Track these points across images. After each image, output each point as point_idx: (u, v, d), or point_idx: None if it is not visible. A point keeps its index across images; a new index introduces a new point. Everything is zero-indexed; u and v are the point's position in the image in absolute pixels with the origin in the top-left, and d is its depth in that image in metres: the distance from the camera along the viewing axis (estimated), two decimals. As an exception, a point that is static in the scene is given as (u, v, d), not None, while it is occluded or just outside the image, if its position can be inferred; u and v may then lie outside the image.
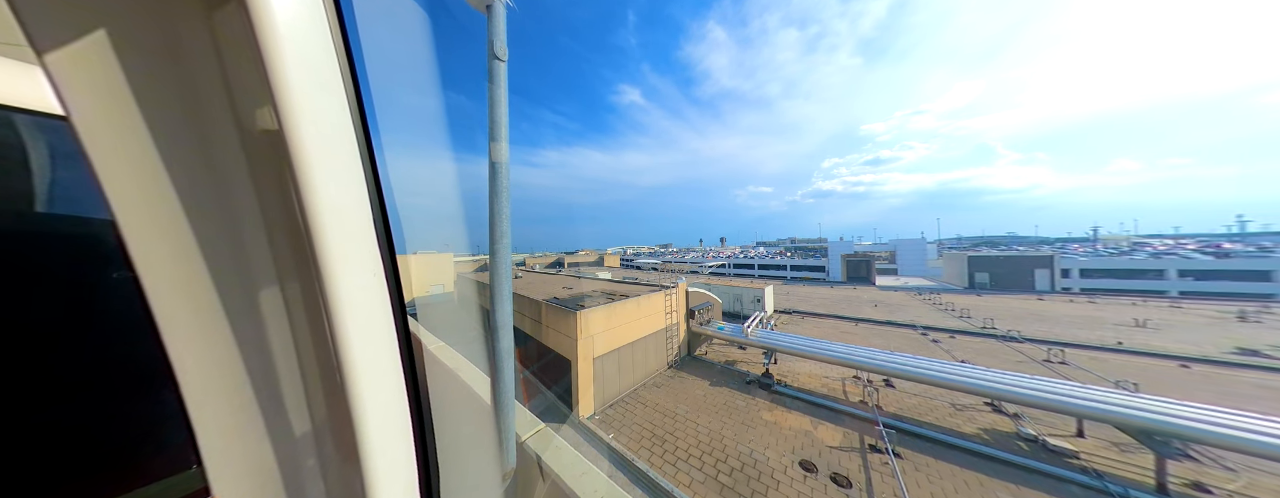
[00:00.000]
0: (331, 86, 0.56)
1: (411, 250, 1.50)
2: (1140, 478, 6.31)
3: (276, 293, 0.68)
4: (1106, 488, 6.06)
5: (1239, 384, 10.52)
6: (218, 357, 0.62)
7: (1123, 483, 6.18)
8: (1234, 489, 6.02)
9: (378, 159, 0.68)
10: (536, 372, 11.41)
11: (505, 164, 1.04)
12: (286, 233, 0.68)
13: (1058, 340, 14.74)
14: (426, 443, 0.85)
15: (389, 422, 0.62)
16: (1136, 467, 6.57)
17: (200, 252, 0.60)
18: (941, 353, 13.52)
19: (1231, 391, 10.00)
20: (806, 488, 6.35)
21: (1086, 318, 19.56)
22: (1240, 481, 6.23)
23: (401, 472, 0.64)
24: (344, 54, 0.60)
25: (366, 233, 0.60)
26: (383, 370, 0.61)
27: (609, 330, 10.27)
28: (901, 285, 36.22)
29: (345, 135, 0.58)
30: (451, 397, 1.52)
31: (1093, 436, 7.65)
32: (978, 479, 6.44)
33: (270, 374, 0.68)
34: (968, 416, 8.81)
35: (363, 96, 0.65)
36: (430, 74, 1.32)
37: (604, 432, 8.33)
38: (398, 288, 0.68)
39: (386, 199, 0.70)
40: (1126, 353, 13.45)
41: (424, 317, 2.00)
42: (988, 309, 22.14)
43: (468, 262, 13.65)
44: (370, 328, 0.59)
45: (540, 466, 1.23)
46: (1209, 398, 8.79)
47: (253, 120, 0.64)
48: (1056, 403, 7.28)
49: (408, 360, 0.68)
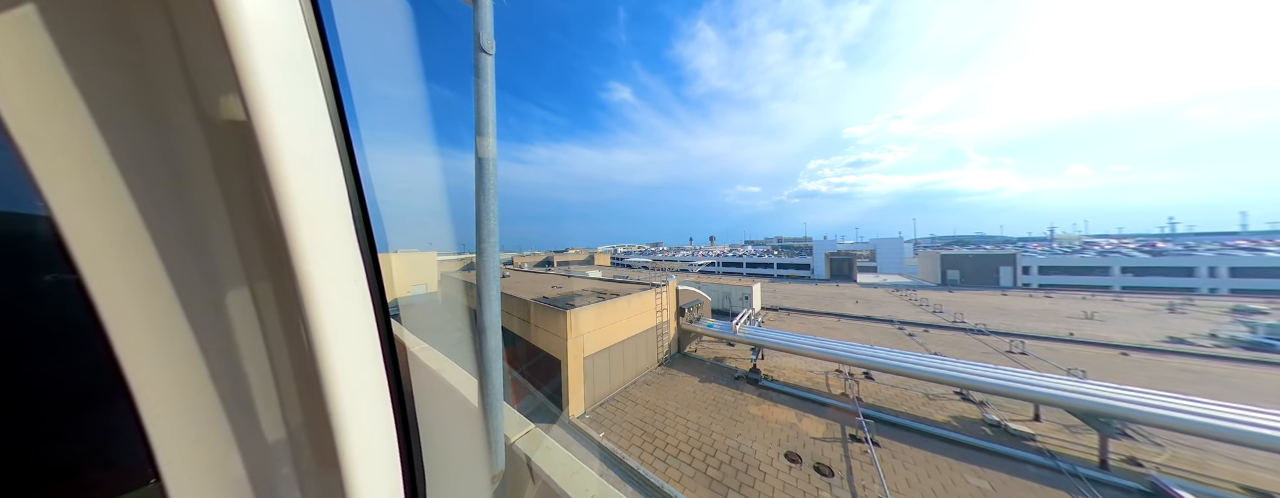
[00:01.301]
0: (306, 76, 0.53)
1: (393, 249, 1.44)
2: (1087, 457, 6.95)
3: (245, 293, 0.64)
4: (1058, 467, 6.64)
5: (1166, 369, 11.74)
6: (178, 363, 0.58)
7: (1072, 462, 6.78)
8: (1161, 462, 6.78)
9: (357, 154, 0.65)
10: (526, 372, 11.24)
11: (493, 160, 1.02)
12: (257, 230, 0.64)
13: (1019, 333, 15.94)
14: (411, 447, 0.83)
15: (370, 426, 0.60)
16: (1084, 446, 7.22)
17: (156, 250, 0.56)
18: (916, 346, 14.28)
19: (1161, 375, 11.14)
20: (791, 479, 6.58)
21: (1043, 311, 21.18)
22: (1166, 454, 7.02)
23: (384, 477, 0.62)
24: (319, 42, 0.57)
25: (345, 230, 0.57)
26: (363, 373, 0.59)
27: (599, 329, 10.23)
28: (881, 282, 38.10)
29: (321, 128, 0.55)
30: (437, 400, 1.48)
31: (1048, 419, 8.31)
32: (948, 464, 6.88)
33: (239, 379, 0.64)
34: (939, 404, 9.38)
35: (340, 88, 0.61)
36: (413, 66, 1.27)
37: (595, 431, 8.32)
38: (379, 288, 0.66)
39: (366, 195, 0.67)
40: (1077, 343, 14.69)
41: (407, 318, 1.93)
42: (958, 304, 23.60)
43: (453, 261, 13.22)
44: (350, 329, 0.56)
45: (530, 467, 1.22)
46: (1143, 382, 9.79)
47: (217, 110, 0.60)
48: (1017, 390, 7.90)
49: (390, 363, 0.66)
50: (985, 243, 57.31)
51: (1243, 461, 6.74)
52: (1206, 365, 12.14)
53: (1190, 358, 12.84)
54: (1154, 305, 22.42)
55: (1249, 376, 11.19)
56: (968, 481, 6.40)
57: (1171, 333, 15.89)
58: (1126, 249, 34.56)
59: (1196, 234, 54.18)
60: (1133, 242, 41.92)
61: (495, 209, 1.03)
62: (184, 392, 0.59)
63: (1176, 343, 14.49)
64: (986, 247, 46.39)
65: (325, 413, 0.54)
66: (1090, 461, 6.83)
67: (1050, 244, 45.97)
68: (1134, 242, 41.92)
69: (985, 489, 6.18)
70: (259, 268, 0.65)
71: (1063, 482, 6.31)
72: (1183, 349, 13.69)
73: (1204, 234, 52.97)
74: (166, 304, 0.57)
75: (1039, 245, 44.29)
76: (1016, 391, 7.89)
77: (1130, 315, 19.62)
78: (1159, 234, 57.41)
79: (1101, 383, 7.89)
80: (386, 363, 0.65)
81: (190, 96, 0.58)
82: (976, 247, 46.54)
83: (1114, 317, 19.33)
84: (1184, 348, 13.83)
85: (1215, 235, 50.21)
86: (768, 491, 6.32)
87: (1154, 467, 6.62)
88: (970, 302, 24.97)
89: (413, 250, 1.99)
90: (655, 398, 10.12)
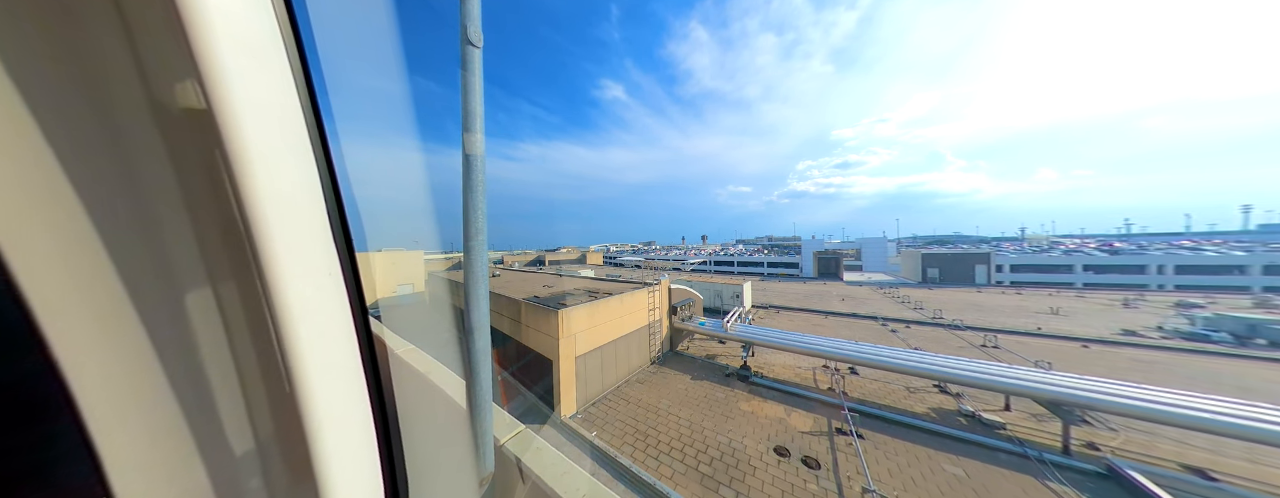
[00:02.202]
0: (273, 63, 0.49)
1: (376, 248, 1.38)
2: (1051, 442, 7.43)
3: (207, 293, 0.59)
4: (1026, 453, 7.09)
5: (1121, 360, 12.74)
6: (131, 369, 0.53)
7: (1038, 448, 7.24)
8: (1115, 446, 7.35)
9: (332, 147, 0.61)
10: (516, 373, 11.07)
11: (480, 157, 0.98)
12: (219, 226, 0.59)
13: (992, 328, 16.88)
14: (393, 453, 0.80)
15: (348, 432, 0.57)
16: (1048, 433, 7.71)
17: (105, 249, 0.51)
18: (898, 342, 14.89)
19: (1116, 365, 12.07)
20: (780, 472, 6.75)
21: (1014, 307, 22.51)
22: (1120, 438, 7.62)
23: (363, 485, 0.59)
24: (288, 27, 0.53)
25: (318, 227, 0.54)
26: (340, 376, 0.56)
27: (591, 329, 10.17)
28: (866, 280, 39.53)
29: (290, 119, 0.51)
30: (423, 402, 1.44)
31: (1017, 409, 8.84)
32: (927, 453, 7.22)
33: (201, 386, 0.60)
34: (919, 397, 9.81)
35: (313, 77, 0.58)
36: (395, 57, 1.21)
37: (587, 430, 8.29)
38: (357, 287, 0.63)
39: (343, 191, 0.64)
40: (1044, 337, 15.68)
41: (392, 319, 1.86)
42: (937, 301, 24.80)
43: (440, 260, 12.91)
44: (324, 330, 0.53)
45: (520, 468, 1.20)
46: (1101, 372, 10.56)
47: (171, 97, 0.55)
48: (990, 382, 8.38)
49: (370, 365, 0.63)
50: (962, 242, 60.46)
51: (1182, 441, 7.41)
52: (1154, 355, 13.22)
53: (1141, 349, 13.97)
54: (1111, 301, 24.25)
55: (1188, 364, 12.24)
56: (944, 469, 6.73)
57: (1125, 326, 17.22)
58: (1088, 249, 37.14)
59: (1148, 235, 58.96)
60: (1093, 242, 45.11)
61: (483, 207, 1.00)
62: (138, 401, 0.54)
63: (1129, 335, 15.71)
64: (963, 246, 48.75)
65: (298, 420, 0.51)
66: (1054, 446, 7.30)
67: (1021, 244, 49.01)
68: (1094, 242, 45.11)
69: (960, 477, 6.52)
70: (222, 266, 0.60)
71: (1030, 467, 6.74)
72: (1134, 341, 14.86)
73: (1155, 235, 57.68)
74: (116, 306, 0.52)
75: (1011, 245, 46.96)
76: (989, 383, 8.37)
77: (1091, 310, 21.09)
78: (1116, 234, 62.10)
79: (1065, 374, 8.47)
80: (366, 365, 0.62)
81: (141, 83, 0.53)
82: (954, 246, 48.83)
83: (1077, 312, 20.71)
84: (1135, 340, 15.01)
85: (1164, 236, 54.59)
86: (757, 484, 6.46)
87: (1109, 450, 7.16)
88: (948, 298, 26.23)
89: (397, 249, 1.92)
90: (648, 396, 10.16)
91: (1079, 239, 51.76)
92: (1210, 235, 52.31)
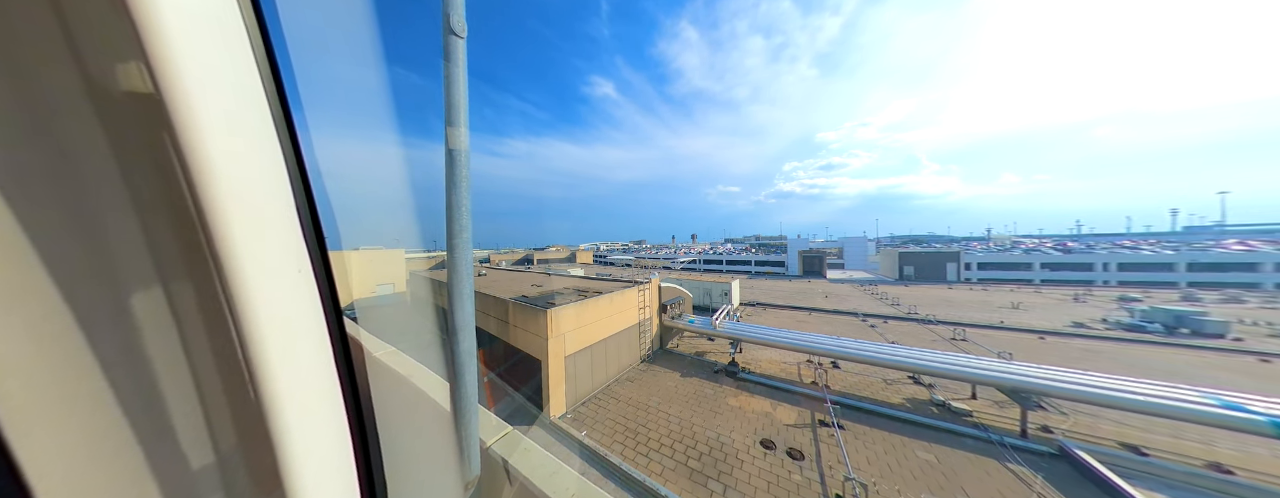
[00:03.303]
0: (233, 46, 0.46)
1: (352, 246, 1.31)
2: (1011, 427, 8.04)
3: (157, 295, 0.54)
4: (989, 438, 7.65)
5: (1072, 350, 13.93)
6: (66, 380, 0.47)
7: (1000, 432, 7.83)
8: (1065, 428, 8.04)
9: (302, 138, 0.58)
10: (503, 374, 10.85)
11: (465, 152, 0.95)
12: (170, 222, 0.54)
13: (961, 322, 18.05)
14: (371, 460, 0.76)
15: (321, 440, 0.54)
16: (1009, 418, 8.34)
17: (31, 245, 0.45)
18: (877, 336, 15.63)
19: (1067, 355, 13.18)
20: (767, 464, 6.97)
21: (980, 302, 24.14)
22: (1070, 421, 8.35)
23: (337, 495, 0.57)
24: (249, 6, 0.49)
25: (287, 223, 0.50)
26: (312, 381, 0.53)
27: (581, 328, 10.09)
28: (847, 278, 41.32)
29: (253, 107, 0.47)
30: (404, 407, 1.38)
31: (982, 397, 9.50)
32: (901, 441, 7.65)
33: (152, 397, 0.54)
34: (895, 388, 10.35)
35: (279, 63, 0.54)
36: (371, 44, 1.14)
37: (577, 430, 8.24)
38: (331, 287, 0.59)
39: (314, 186, 0.60)
40: (1006, 330, 16.90)
41: (371, 320, 1.77)
42: (913, 298, 26.21)
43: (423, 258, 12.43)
44: (294, 332, 0.50)
45: (507, 470, 1.18)
46: (1054, 361, 11.54)
47: (112, 80, 0.50)
48: (958, 373, 8.96)
49: (345, 368, 0.60)
50: (935, 242, 64.08)
51: (1121, 422, 8.21)
52: (1100, 345, 14.52)
53: (1089, 339, 15.31)
54: (1064, 296, 26.43)
55: (1127, 352, 13.53)
56: (917, 455, 7.16)
57: (1075, 319, 18.83)
58: (1045, 248, 40.28)
59: (1096, 235, 64.62)
60: (1050, 241, 48.98)
61: (468, 204, 0.96)
62: (76, 414, 0.49)
63: (1079, 327, 17.18)
64: (936, 245, 51.68)
65: (264, 430, 0.48)
66: (1013, 431, 7.91)
67: (987, 243, 52.43)
68: (1051, 241, 48.97)
69: (932, 462, 6.95)
70: (174, 264, 0.55)
71: (993, 451, 7.27)
72: (1083, 332, 16.31)
73: (1101, 235, 63.25)
74: (47, 310, 0.47)
75: (978, 244, 50.28)
76: (957, 373, 8.95)
77: (1046, 305, 22.96)
78: (1069, 235, 67.73)
79: (1023, 364, 9.18)
80: (340, 369, 0.59)
81: (75, 64, 0.47)
82: (928, 245, 51.62)
83: (1034, 306, 22.48)
84: (1084, 331, 16.46)
85: (1108, 236, 59.96)
86: (744, 477, 6.64)
87: (1061, 432, 7.83)
88: (922, 295, 27.76)
89: (376, 248, 1.82)
90: (638, 394, 10.21)
91: (1037, 239, 55.99)
92: (1146, 236, 57.96)
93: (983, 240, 59.11)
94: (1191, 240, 41.89)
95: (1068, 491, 6.12)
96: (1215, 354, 13.24)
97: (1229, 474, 6.40)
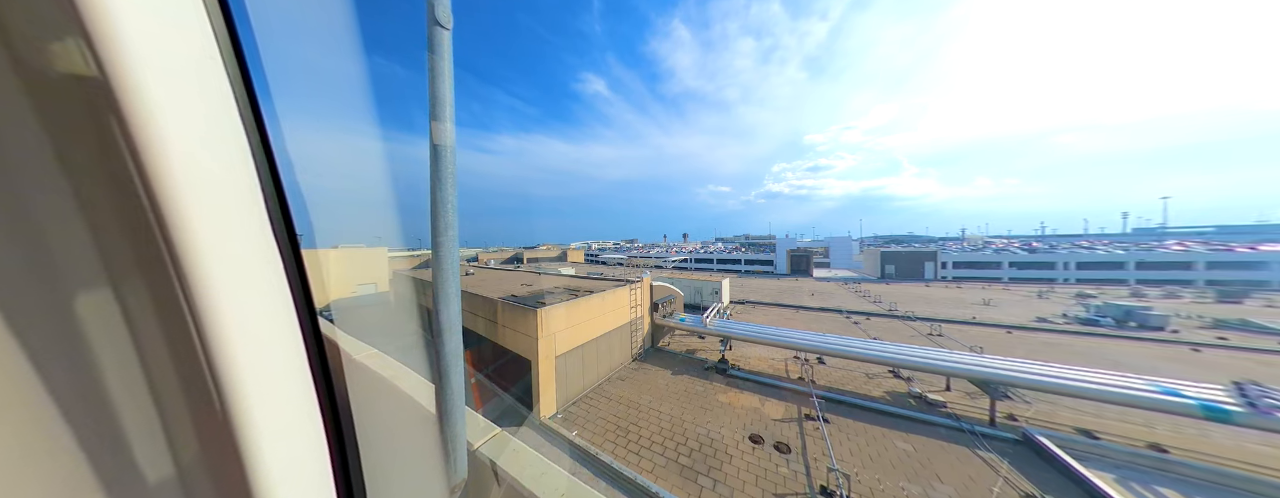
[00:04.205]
0: (189, 22, 0.42)
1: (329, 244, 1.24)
2: (981, 416, 8.55)
3: (106, 297, 0.49)
4: (961, 427, 8.11)
5: (1035, 343, 14.97)
6: (3, 392, 0.44)
7: (971, 422, 8.32)
8: (1029, 416, 8.63)
9: (271, 130, 0.54)
10: (492, 374, 10.63)
11: (450, 148, 0.92)
12: (120, 217, 0.49)
13: (937, 318, 19.04)
14: (350, 466, 0.73)
15: (294, 447, 0.51)
16: (979, 408, 8.86)
17: None
18: (859, 332, 16.27)
19: (1032, 348, 14.15)
20: (755, 458, 7.14)
21: (955, 299, 25.52)
22: (1032, 409, 8.96)
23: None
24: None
25: (255, 219, 0.47)
26: (284, 385, 0.50)
27: (572, 327, 10.01)
28: (832, 276, 42.82)
29: (216, 94, 0.44)
30: (386, 410, 1.33)
31: (955, 389, 10.06)
32: (881, 432, 8.00)
33: (101, 410, 0.50)
34: (876, 382, 10.80)
35: (243, 47, 0.50)
36: (350, 32, 1.08)
37: (567, 430, 8.19)
38: (304, 287, 0.56)
39: (285, 181, 0.57)
40: (978, 325, 17.95)
41: (350, 321, 1.69)
42: (893, 295, 27.38)
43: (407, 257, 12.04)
44: (263, 334, 0.47)
45: (495, 472, 1.16)
46: (1020, 354, 12.40)
47: (46, 60, 0.45)
48: (934, 366, 9.45)
49: (322, 372, 0.57)
50: (915, 242, 67.33)
51: (1076, 409, 8.89)
52: (1059, 339, 15.66)
53: (1050, 333, 16.50)
54: (1029, 293, 28.32)
55: (1083, 345, 14.63)
56: (896, 445, 7.51)
57: (1039, 314, 20.23)
58: (1013, 248, 43.05)
59: (1058, 235, 69.61)
60: (1017, 242, 52.46)
61: (454, 201, 0.93)
62: (13, 433, 0.45)
63: (1042, 322, 18.48)
64: (915, 245, 54.23)
65: (231, 439, 0.45)
66: (983, 420, 8.42)
67: (961, 243, 55.45)
68: (1018, 241, 52.39)
69: (909, 451, 7.31)
70: (124, 262, 0.50)
71: (964, 439, 7.72)
72: (1045, 326, 17.55)
73: (1062, 236, 68.20)
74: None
75: (954, 244, 53.10)
76: (933, 367, 9.44)
77: (1014, 301, 24.57)
78: (1034, 235, 72.63)
79: (993, 357, 9.79)
80: (316, 373, 0.56)
81: (1, 42, 0.43)
82: (908, 245, 54.14)
83: (1003, 302, 24.01)
84: (1046, 326, 17.71)
85: (1069, 237, 64.60)
86: (733, 472, 6.78)
87: (1024, 420, 8.40)
88: (902, 292, 29.04)
89: (357, 246, 1.73)
90: (629, 393, 10.23)
91: (1006, 239, 59.73)
92: (1101, 237, 62.94)
93: (958, 240, 62.45)
94: (1139, 241, 46.10)
95: (1029, 474, 6.57)
96: (1157, 345, 14.49)
97: (1164, 453, 7.05)
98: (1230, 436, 7.48)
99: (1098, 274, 34.91)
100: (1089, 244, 42.83)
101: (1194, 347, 14.18)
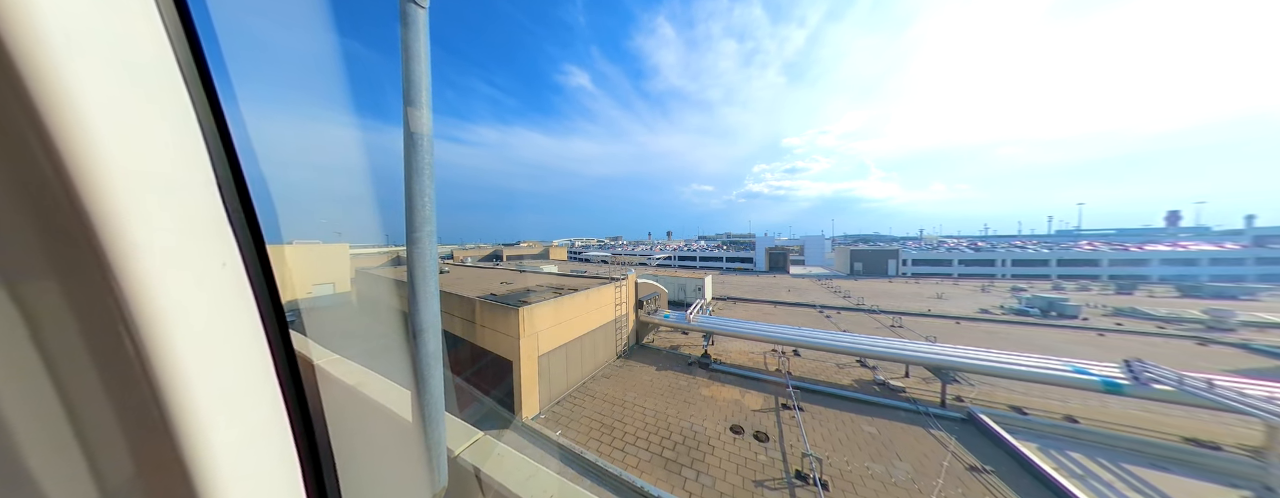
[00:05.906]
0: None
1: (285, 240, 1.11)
2: (934, 399, 9.50)
3: (2, 300, 0.41)
4: (917, 409, 8.97)
5: (979, 332, 16.85)
6: None
7: (925, 404, 9.22)
8: (973, 397, 9.71)
9: (229, 112, 0.47)
10: (471, 377, 10.20)
11: (427, 136, 0.84)
12: (33, 207, 0.42)
13: (898, 311, 20.87)
14: (324, 478, 0.68)
15: (259, 463, 0.46)
16: (932, 392, 9.83)
17: None
18: (831, 326, 17.40)
19: (976, 336, 15.89)
20: (736, 448, 7.45)
21: (914, 293, 28.03)
22: (975, 391, 10.10)
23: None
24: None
25: (206, 208, 0.41)
26: (243, 396, 0.44)
27: (555, 326, 9.82)
28: (807, 273, 45.65)
29: (153, 67, 0.38)
30: (358, 419, 1.24)
31: (913, 375, 11.07)
32: (850, 418, 8.64)
33: (9, 432, 0.42)
34: (846, 371, 11.62)
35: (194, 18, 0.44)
36: (317, 10, 0.95)
37: (552, 430, 8.06)
38: (270, 286, 0.50)
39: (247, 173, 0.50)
40: (932, 317, 19.88)
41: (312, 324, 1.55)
42: (861, 291, 29.63)
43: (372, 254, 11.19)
44: (217, 338, 0.41)
45: (479, 478, 1.12)
46: (967, 342, 13.88)
47: None
48: (895, 355, 10.36)
49: (291, 380, 0.52)
50: (880, 241, 72.82)
51: (1010, 389, 10.16)
52: (998, 327, 17.73)
53: (991, 323, 18.65)
54: (975, 287, 31.82)
55: (1016, 332, 16.69)
56: (863, 429, 8.16)
57: (982, 306, 22.77)
58: (962, 247, 47.97)
59: (998, 236, 78.33)
60: (966, 241, 58.18)
61: (431, 193, 0.86)
62: None
63: (984, 313, 20.82)
64: (880, 244, 58.62)
65: (174, 454, 0.40)
66: (936, 402, 9.36)
67: (920, 243, 60.69)
68: (966, 241, 58.11)
69: (874, 434, 7.97)
70: (31, 256, 0.41)
71: (920, 420, 8.54)
72: (987, 317, 19.84)
73: (1001, 236, 76.92)
74: None
75: (913, 243, 57.97)
76: (894, 355, 10.34)
77: (962, 295, 27.47)
78: (979, 236, 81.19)
79: (944, 345, 10.94)
80: (283, 381, 0.51)
81: None
82: (874, 244, 58.37)
83: (953, 296, 26.78)
84: (987, 316, 20.00)
85: (1006, 238, 72.69)
86: (716, 462, 7.04)
87: (969, 400, 9.46)
88: (869, 288, 31.48)
89: (312, 242, 1.53)
90: (614, 390, 10.25)
91: (957, 239, 66.19)
92: (1032, 237, 71.76)
93: (917, 240, 68.33)
94: (1060, 241, 53.07)
95: (973, 448, 7.43)
96: (1072, 331, 16.87)
97: (1075, 423, 8.28)
98: (1123, 405, 8.90)
99: (1028, 270, 40.29)
100: (1022, 244, 48.79)
101: (1099, 332, 16.69)
